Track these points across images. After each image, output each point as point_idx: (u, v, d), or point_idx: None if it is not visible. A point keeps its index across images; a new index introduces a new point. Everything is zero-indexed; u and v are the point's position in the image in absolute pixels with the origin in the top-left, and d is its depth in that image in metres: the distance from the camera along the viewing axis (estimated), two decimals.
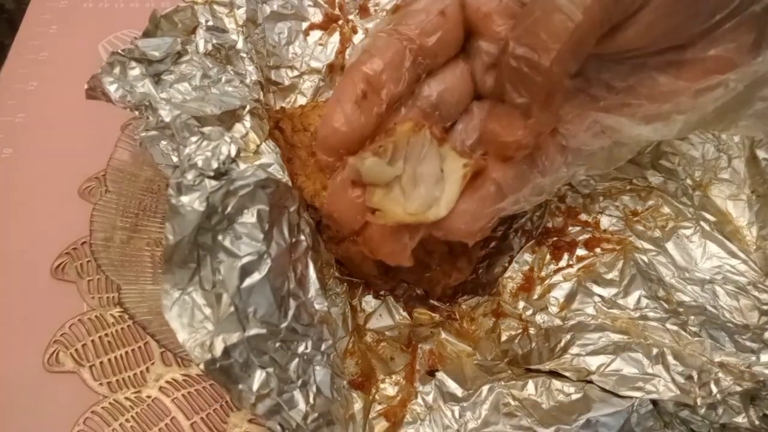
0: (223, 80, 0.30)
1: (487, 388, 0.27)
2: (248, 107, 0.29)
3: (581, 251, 0.33)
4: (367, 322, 0.32)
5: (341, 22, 0.41)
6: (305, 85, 0.39)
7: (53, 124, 0.39)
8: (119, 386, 0.30)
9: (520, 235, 0.34)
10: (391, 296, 0.33)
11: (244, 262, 0.24)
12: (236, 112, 0.28)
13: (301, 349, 0.25)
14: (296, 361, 0.25)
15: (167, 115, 0.26)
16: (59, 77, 0.41)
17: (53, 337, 0.31)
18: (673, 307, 0.30)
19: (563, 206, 0.35)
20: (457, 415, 0.27)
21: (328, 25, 0.41)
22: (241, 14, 0.35)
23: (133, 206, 0.35)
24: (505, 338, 0.31)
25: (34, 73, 0.41)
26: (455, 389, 0.28)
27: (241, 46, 0.34)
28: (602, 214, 0.34)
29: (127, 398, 0.29)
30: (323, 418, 0.25)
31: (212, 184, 0.23)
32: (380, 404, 0.28)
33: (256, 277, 0.24)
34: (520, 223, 0.34)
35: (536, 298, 0.32)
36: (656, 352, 0.27)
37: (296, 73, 0.39)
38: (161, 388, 0.30)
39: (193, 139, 0.25)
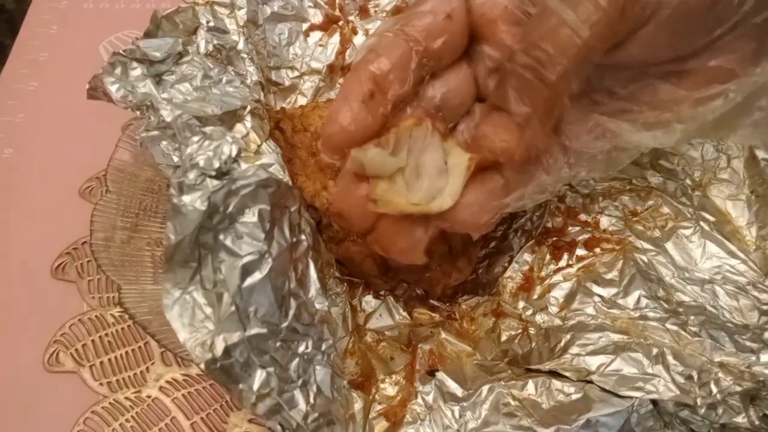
0: (223, 81, 0.31)
1: (487, 388, 0.27)
2: (249, 107, 0.29)
3: (581, 251, 0.33)
4: (367, 322, 0.32)
5: (341, 23, 0.41)
6: (305, 85, 0.39)
7: (54, 124, 0.39)
8: (119, 386, 0.30)
9: (519, 235, 0.34)
10: (391, 296, 0.33)
11: (245, 261, 0.24)
12: (237, 112, 0.28)
13: (301, 348, 0.26)
14: (297, 360, 0.25)
15: (168, 115, 0.27)
16: (60, 78, 0.41)
17: (53, 337, 0.31)
18: (672, 307, 0.30)
19: (563, 206, 0.35)
20: (457, 415, 0.27)
21: (328, 26, 0.41)
22: (241, 15, 0.35)
23: (133, 206, 0.35)
24: (505, 338, 0.31)
25: (34, 73, 0.41)
26: (455, 389, 0.28)
27: (241, 46, 0.34)
28: (602, 214, 0.34)
29: (127, 398, 0.29)
30: (323, 417, 0.25)
31: (214, 183, 0.24)
32: (380, 404, 0.28)
33: (257, 276, 0.24)
34: (519, 223, 0.34)
35: (536, 298, 0.32)
36: (656, 352, 0.27)
37: (296, 73, 0.39)
38: (161, 388, 0.30)
39: (194, 138, 0.26)
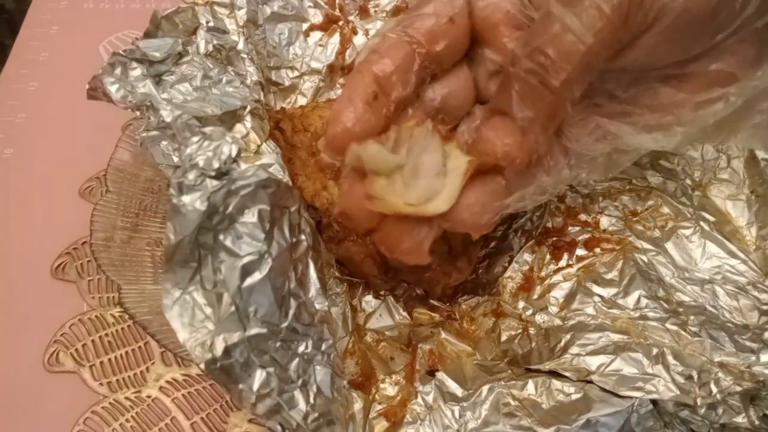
0: (223, 81, 0.31)
1: (487, 388, 0.27)
2: (249, 108, 0.29)
3: (581, 251, 0.33)
4: (367, 322, 0.32)
5: (341, 23, 0.41)
6: (305, 85, 0.39)
7: (54, 124, 0.39)
8: (119, 386, 0.30)
9: (519, 235, 0.34)
10: (391, 296, 0.33)
11: (245, 261, 0.24)
12: (237, 112, 0.28)
13: (301, 348, 0.26)
14: (297, 360, 0.25)
15: (168, 115, 0.27)
16: (60, 78, 0.41)
17: (53, 337, 0.31)
18: (672, 307, 0.30)
19: (563, 206, 0.35)
20: (457, 415, 0.27)
21: (328, 26, 0.41)
22: (241, 15, 0.35)
23: (133, 206, 0.35)
24: (505, 338, 0.31)
25: (34, 73, 0.41)
26: (455, 389, 0.28)
27: (241, 46, 0.34)
28: (602, 214, 0.34)
29: (127, 398, 0.29)
30: (323, 417, 0.25)
31: (213, 183, 0.24)
32: (380, 404, 0.28)
33: (257, 276, 0.24)
34: (519, 223, 0.34)
35: (536, 298, 0.32)
36: (656, 352, 0.27)
37: (296, 73, 0.39)
38: (161, 388, 0.30)
39: (194, 139, 0.26)
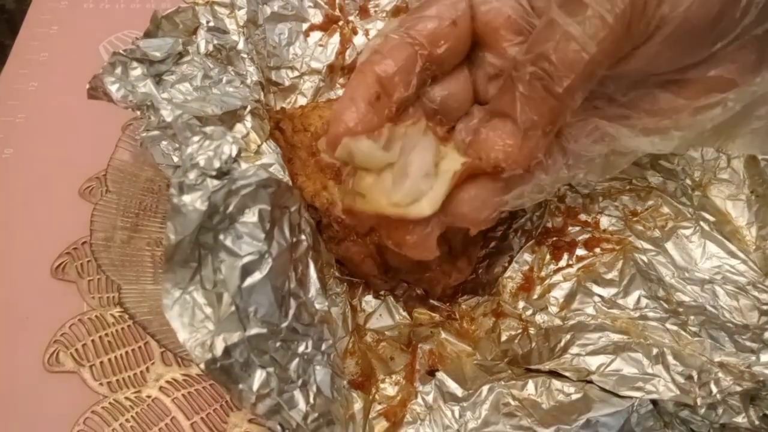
0: (224, 81, 0.31)
1: (487, 388, 0.27)
2: (249, 107, 0.29)
3: (581, 251, 0.33)
4: (367, 322, 0.32)
5: (341, 23, 0.41)
6: (305, 85, 0.39)
7: (54, 124, 0.39)
8: (119, 386, 0.30)
9: (519, 235, 0.34)
10: (391, 296, 0.33)
11: (245, 261, 0.24)
12: (237, 112, 0.28)
13: (301, 348, 0.25)
14: (296, 360, 0.25)
15: (169, 115, 0.27)
16: (60, 78, 0.41)
17: (53, 337, 0.31)
18: (672, 307, 0.30)
19: (563, 206, 0.35)
20: (457, 415, 0.27)
21: (328, 26, 0.41)
22: (241, 15, 0.35)
23: (133, 206, 0.35)
24: (505, 338, 0.31)
25: (34, 73, 0.41)
26: (455, 389, 0.28)
27: (241, 46, 0.34)
28: (602, 214, 0.34)
29: (127, 398, 0.29)
30: (323, 417, 0.25)
31: (214, 183, 0.24)
32: (380, 404, 0.28)
33: (257, 276, 0.24)
34: (519, 223, 0.34)
35: (536, 298, 0.32)
36: (656, 352, 0.27)
37: (296, 73, 0.39)
38: (161, 388, 0.30)
39: (195, 138, 0.26)
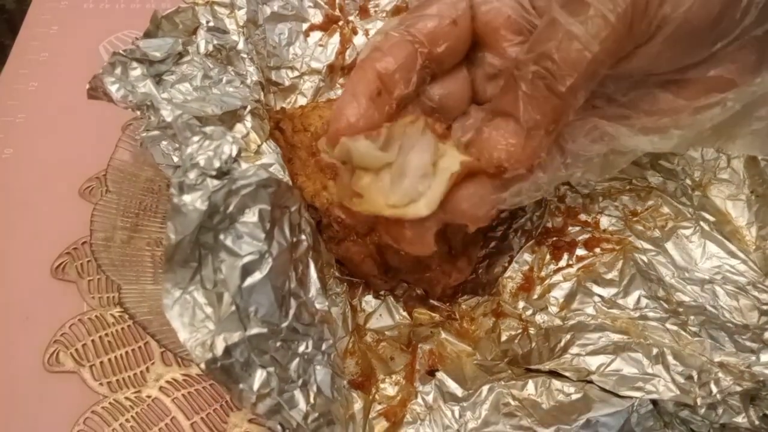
0: (223, 81, 0.31)
1: (487, 388, 0.27)
2: (249, 107, 0.29)
3: (581, 251, 0.33)
4: (367, 322, 0.32)
5: (341, 23, 0.41)
6: (305, 85, 0.39)
7: (54, 124, 0.39)
8: (119, 386, 0.30)
9: (519, 235, 0.34)
10: (391, 296, 0.33)
11: (245, 261, 0.24)
12: (237, 112, 0.28)
13: (301, 348, 0.26)
14: (297, 360, 0.25)
15: (169, 115, 0.27)
16: (60, 78, 0.41)
17: (53, 337, 0.31)
18: (672, 307, 0.30)
19: (563, 206, 0.35)
20: (457, 415, 0.27)
21: (328, 26, 0.41)
22: (241, 15, 0.35)
23: (133, 206, 0.35)
24: (505, 338, 0.31)
25: (34, 73, 0.41)
26: (455, 389, 0.28)
27: (241, 46, 0.34)
28: (602, 214, 0.34)
29: (127, 398, 0.29)
30: (323, 417, 0.25)
31: (214, 183, 0.24)
32: (380, 404, 0.28)
33: (257, 276, 0.24)
34: (519, 223, 0.34)
35: (536, 298, 0.32)
36: (656, 352, 0.27)
37: (296, 73, 0.39)
38: (161, 388, 0.30)
39: (195, 138, 0.26)
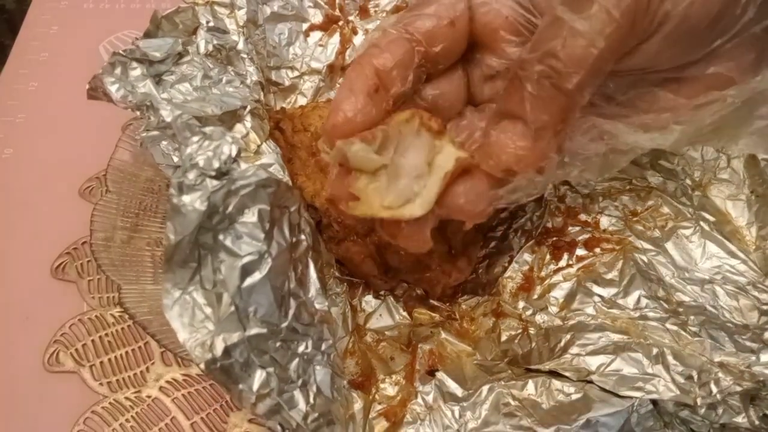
0: (223, 81, 0.31)
1: (487, 388, 0.27)
2: (249, 107, 0.29)
3: (581, 251, 0.33)
4: (367, 322, 0.32)
5: (341, 23, 0.41)
6: (305, 85, 0.39)
7: (54, 124, 0.39)
8: (119, 386, 0.30)
9: (519, 235, 0.34)
10: (391, 296, 0.33)
11: (244, 261, 0.24)
12: (237, 112, 0.28)
13: (301, 348, 0.26)
14: (296, 360, 0.25)
15: (168, 115, 0.27)
16: (60, 78, 0.41)
17: (53, 337, 0.31)
18: (672, 307, 0.30)
19: (563, 206, 0.35)
20: (457, 415, 0.27)
21: (328, 26, 0.41)
22: (241, 15, 0.35)
23: (133, 206, 0.35)
24: (505, 338, 0.31)
25: (34, 73, 0.41)
26: (455, 389, 0.28)
27: (241, 46, 0.34)
28: (602, 214, 0.34)
29: (127, 398, 0.29)
30: (323, 417, 0.25)
31: (213, 183, 0.24)
32: (380, 404, 0.28)
33: (256, 276, 0.24)
34: (519, 223, 0.34)
35: (536, 298, 0.32)
36: (656, 352, 0.27)
37: (296, 73, 0.39)
38: (161, 388, 0.30)
39: (194, 138, 0.26)
